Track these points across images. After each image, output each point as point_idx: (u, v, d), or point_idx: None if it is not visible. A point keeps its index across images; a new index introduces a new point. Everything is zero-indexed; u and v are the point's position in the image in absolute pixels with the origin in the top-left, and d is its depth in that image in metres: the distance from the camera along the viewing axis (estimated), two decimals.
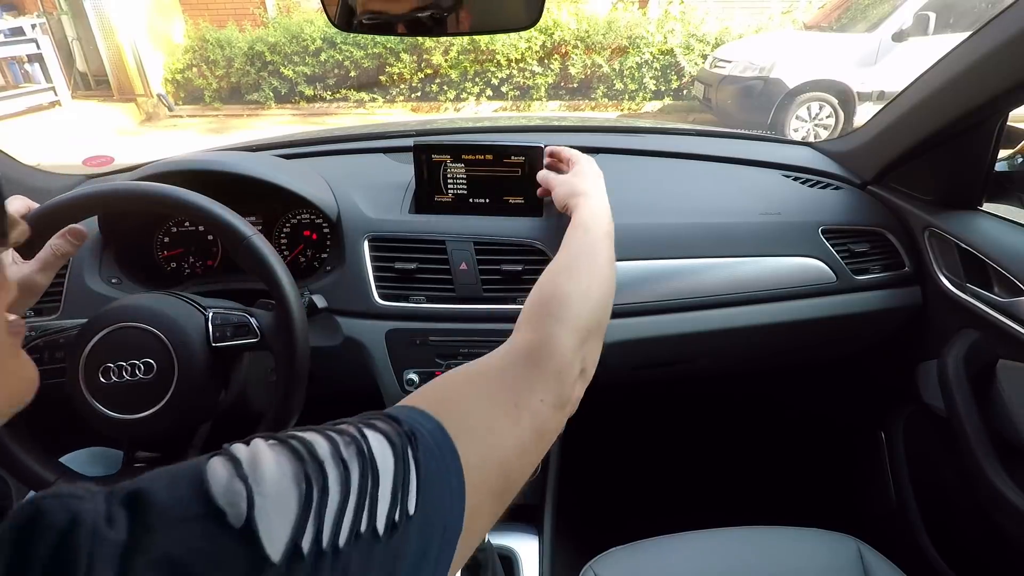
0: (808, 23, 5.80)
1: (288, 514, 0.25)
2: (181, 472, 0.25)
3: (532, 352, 0.44)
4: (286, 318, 0.65)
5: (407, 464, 0.29)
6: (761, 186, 1.03)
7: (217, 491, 0.24)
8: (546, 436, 0.42)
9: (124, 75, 6.76)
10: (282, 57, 6.41)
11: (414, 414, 0.34)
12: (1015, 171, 0.93)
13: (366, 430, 0.30)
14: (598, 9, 6.53)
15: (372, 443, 0.29)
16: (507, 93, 6.36)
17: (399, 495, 0.28)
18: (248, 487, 0.25)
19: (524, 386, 0.41)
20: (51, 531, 0.22)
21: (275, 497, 0.25)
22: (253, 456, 0.26)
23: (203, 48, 6.61)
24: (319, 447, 0.28)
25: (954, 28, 4.34)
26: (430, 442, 0.32)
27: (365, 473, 0.28)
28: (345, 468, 0.27)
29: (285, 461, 0.26)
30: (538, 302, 0.50)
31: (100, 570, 0.21)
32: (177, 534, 0.23)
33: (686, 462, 1.46)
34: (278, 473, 0.26)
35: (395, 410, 0.34)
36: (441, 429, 0.33)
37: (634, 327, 0.88)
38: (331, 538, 0.25)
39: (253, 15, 7.06)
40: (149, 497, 0.24)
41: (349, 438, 0.29)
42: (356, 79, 6.51)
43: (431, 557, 0.29)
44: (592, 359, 0.50)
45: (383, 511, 0.27)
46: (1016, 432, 0.80)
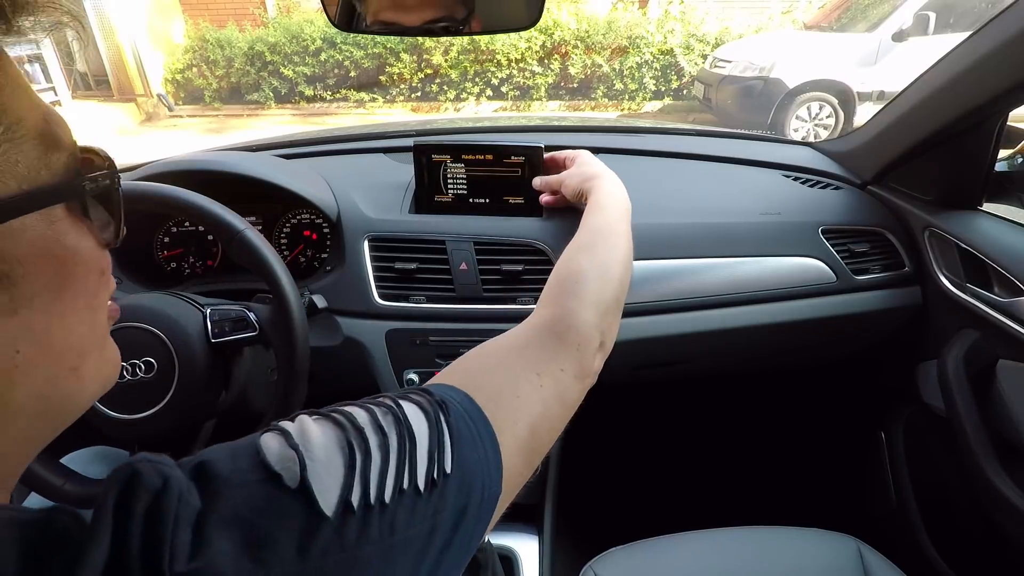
0: (808, 23, 5.80)
1: (337, 475, 0.27)
2: (239, 446, 0.28)
3: (552, 327, 0.46)
4: (284, 311, 0.65)
5: (440, 428, 0.32)
6: (761, 186, 1.03)
7: (272, 459, 0.27)
8: (568, 404, 0.44)
9: (124, 75, 6.76)
10: (282, 57, 6.41)
11: (444, 388, 0.36)
12: (1015, 171, 0.93)
13: (401, 401, 0.33)
14: (598, 9, 6.53)
15: (407, 411, 0.32)
16: (507, 93, 6.36)
17: (435, 455, 0.31)
18: (299, 454, 0.27)
19: (545, 357, 0.43)
20: (148, 492, 0.24)
21: (324, 460, 0.27)
22: (301, 428, 0.29)
23: (203, 48, 6.61)
24: (359, 417, 0.31)
25: (954, 28, 4.34)
26: (460, 409, 0.34)
27: (403, 437, 0.30)
28: (384, 434, 0.30)
29: (330, 430, 0.29)
30: (557, 280, 0.52)
31: (183, 528, 0.23)
32: (242, 496, 0.25)
33: (686, 462, 1.46)
34: (324, 440, 0.28)
35: (427, 385, 0.37)
36: (469, 399, 0.36)
37: (634, 327, 0.88)
38: (377, 494, 0.28)
39: (253, 15, 7.06)
40: (214, 467, 0.26)
41: (386, 408, 0.32)
42: (356, 79, 6.51)
43: (471, 515, 0.32)
44: (611, 333, 0.52)
45: (422, 470, 0.30)
46: (1016, 432, 0.80)
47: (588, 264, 0.54)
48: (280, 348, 0.67)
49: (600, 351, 0.50)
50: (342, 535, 0.26)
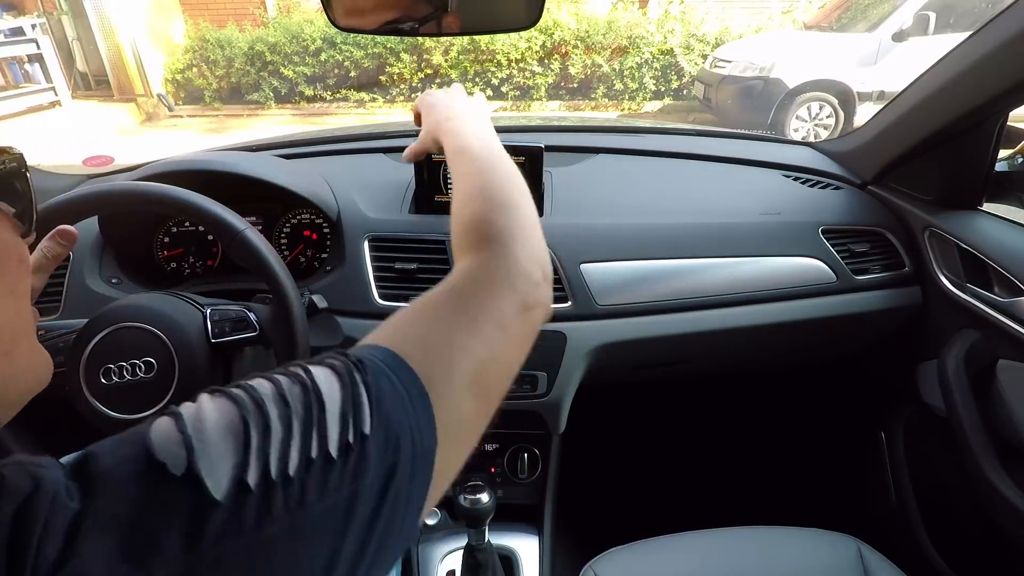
0: (808, 23, 5.80)
1: (230, 454, 0.25)
2: (128, 435, 0.26)
3: (477, 274, 0.43)
4: (284, 311, 0.65)
5: (355, 388, 0.30)
6: (761, 186, 1.03)
7: (158, 446, 0.25)
8: (517, 339, 0.42)
9: (124, 75, 6.76)
10: (282, 57, 6.41)
11: (364, 348, 0.34)
12: (1015, 171, 0.93)
13: (311, 367, 0.31)
14: (598, 9, 6.53)
15: (317, 376, 0.30)
16: (507, 93, 6.36)
17: (349, 417, 0.29)
18: (187, 437, 0.25)
19: (477, 305, 0.40)
20: (13, 498, 0.22)
21: (216, 441, 0.25)
22: (197, 409, 0.27)
23: (203, 48, 6.61)
24: (261, 389, 0.29)
25: (954, 28, 4.34)
26: (381, 366, 0.32)
27: (309, 404, 0.28)
28: (286, 404, 0.28)
29: (226, 407, 0.27)
30: (465, 229, 0.48)
31: (52, 537, 0.21)
32: (122, 492, 0.23)
33: (686, 462, 1.46)
34: (218, 419, 0.26)
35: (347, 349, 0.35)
36: (392, 354, 0.34)
37: (634, 327, 0.88)
38: (279, 468, 0.26)
39: (253, 15, 7.06)
40: (95, 463, 0.25)
41: (293, 377, 0.30)
42: (356, 79, 6.50)
43: (402, 473, 0.30)
44: (543, 258, 0.47)
45: (334, 435, 0.28)
46: (1016, 432, 0.80)
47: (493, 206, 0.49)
48: (280, 348, 0.67)
49: (544, 280, 0.46)
50: (239, 518, 0.24)
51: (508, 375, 0.40)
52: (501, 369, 0.39)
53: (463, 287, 0.42)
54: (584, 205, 0.94)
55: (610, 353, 0.89)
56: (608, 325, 0.87)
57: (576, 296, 0.86)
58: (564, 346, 0.86)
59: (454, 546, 0.93)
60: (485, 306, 0.40)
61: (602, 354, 0.88)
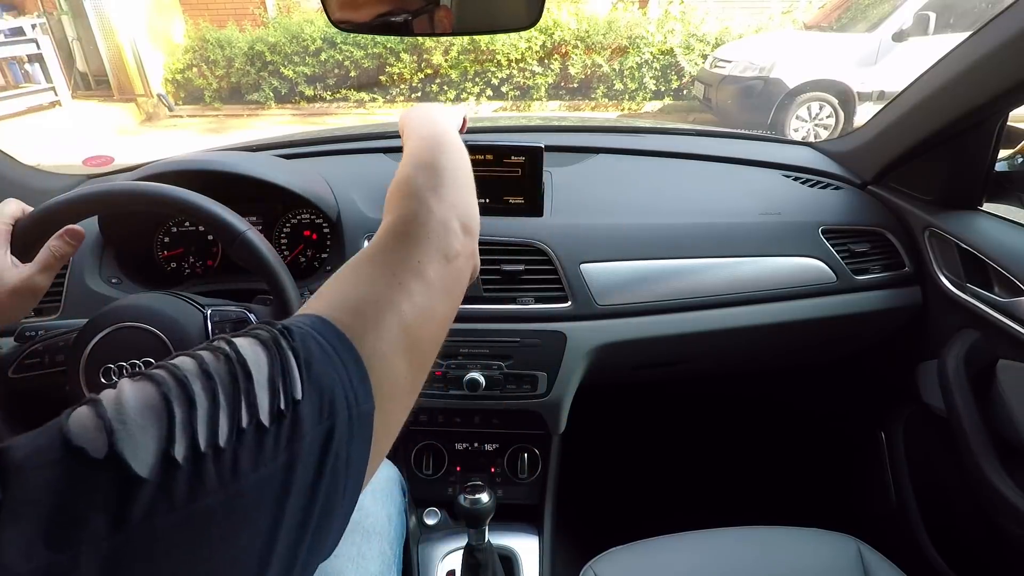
0: (808, 23, 5.80)
1: (153, 432, 0.24)
2: (46, 426, 0.25)
3: (397, 229, 0.43)
4: (285, 312, 0.65)
5: (283, 354, 0.29)
6: (761, 186, 1.03)
7: (76, 432, 0.24)
8: (442, 289, 0.41)
9: (124, 75, 6.75)
10: (282, 57, 6.41)
11: (292, 318, 0.34)
12: (1015, 171, 0.93)
13: (236, 339, 0.30)
14: (598, 9, 6.53)
15: (240, 346, 0.29)
16: (507, 93, 6.36)
17: (279, 384, 0.28)
18: (106, 421, 0.24)
19: (397, 259, 0.40)
20: None
21: (137, 421, 0.25)
22: (116, 394, 0.26)
23: (203, 48, 6.61)
24: (184, 366, 0.28)
25: (954, 28, 4.34)
26: (308, 331, 0.32)
27: (234, 375, 0.28)
28: (209, 377, 0.27)
29: (146, 388, 0.26)
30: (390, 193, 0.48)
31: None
32: (39, 481, 0.23)
33: (686, 462, 1.46)
34: (139, 400, 0.26)
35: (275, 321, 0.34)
36: (319, 318, 0.33)
37: (634, 327, 0.88)
38: (209, 439, 0.25)
39: (253, 15, 7.06)
40: (9, 454, 0.23)
41: (216, 350, 0.29)
42: (356, 79, 6.50)
43: (340, 435, 0.29)
44: (465, 211, 0.47)
45: (264, 403, 0.27)
46: (1016, 432, 0.80)
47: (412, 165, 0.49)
48: None
49: (465, 232, 0.46)
50: (169, 494, 0.23)
51: (438, 328, 0.41)
52: (429, 323, 0.39)
53: (384, 244, 0.42)
54: (584, 205, 0.94)
55: (610, 353, 0.89)
56: (608, 325, 0.87)
57: (576, 296, 0.86)
58: (564, 346, 0.86)
59: (454, 546, 0.93)
60: (404, 261, 0.40)
61: (602, 354, 0.88)
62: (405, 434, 0.90)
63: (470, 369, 0.85)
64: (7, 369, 0.64)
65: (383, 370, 0.33)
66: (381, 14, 0.66)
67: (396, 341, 0.35)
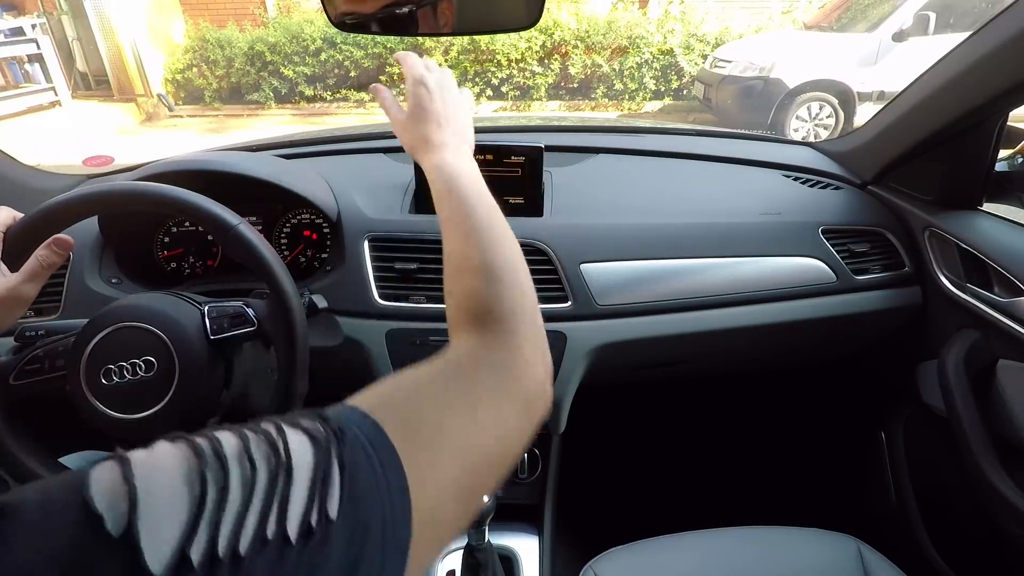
0: (808, 23, 5.80)
1: (177, 517, 0.22)
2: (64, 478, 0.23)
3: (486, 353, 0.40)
4: (282, 305, 0.65)
5: (329, 462, 0.27)
6: (761, 186, 1.03)
7: (97, 494, 0.21)
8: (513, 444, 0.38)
9: (124, 75, 6.76)
10: (282, 57, 6.41)
11: (348, 413, 0.31)
12: (1015, 171, 0.93)
13: (286, 427, 0.28)
14: (598, 9, 6.53)
15: (290, 439, 0.27)
16: (507, 93, 6.36)
17: (316, 495, 0.25)
18: (132, 487, 0.22)
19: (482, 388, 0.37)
20: None
21: (164, 499, 0.22)
22: (151, 455, 0.24)
23: (203, 48, 6.61)
24: (226, 444, 0.25)
25: (954, 28, 4.34)
26: (362, 440, 0.29)
27: (276, 471, 0.25)
28: (252, 466, 0.25)
29: (183, 458, 0.24)
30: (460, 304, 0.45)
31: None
32: (41, 544, 0.20)
33: (686, 462, 1.46)
34: (171, 472, 0.23)
35: (329, 409, 0.31)
36: (378, 428, 0.30)
37: (634, 327, 0.88)
38: (229, 543, 0.22)
39: (253, 15, 7.06)
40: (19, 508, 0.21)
41: (263, 435, 0.26)
42: (356, 79, 6.50)
43: (373, 566, 0.26)
44: (545, 345, 0.44)
45: (296, 513, 0.24)
46: (1016, 432, 0.80)
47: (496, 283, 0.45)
48: (279, 342, 0.67)
49: (546, 374, 0.43)
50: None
51: (497, 476, 0.36)
52: (492, 470, 0.35)
53: (465, 369, 0.38)
54: (584, 205, 0.94)
55: (610, 353, 0.89)
56: (608, 325, 0.87)
57: (576, 296, 0.86)
58: (564, 346, 0.86)
59: (454, 546, 0.93)
60: (489, 399, 0.37)
61: (602, 354, 0.88)
62: None
63: None
64: (8, 376, 0.65)
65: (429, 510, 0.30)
66: (387, 5, 0.66)
67: (451, 483, 0.32)
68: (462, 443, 0.33)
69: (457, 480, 0.32)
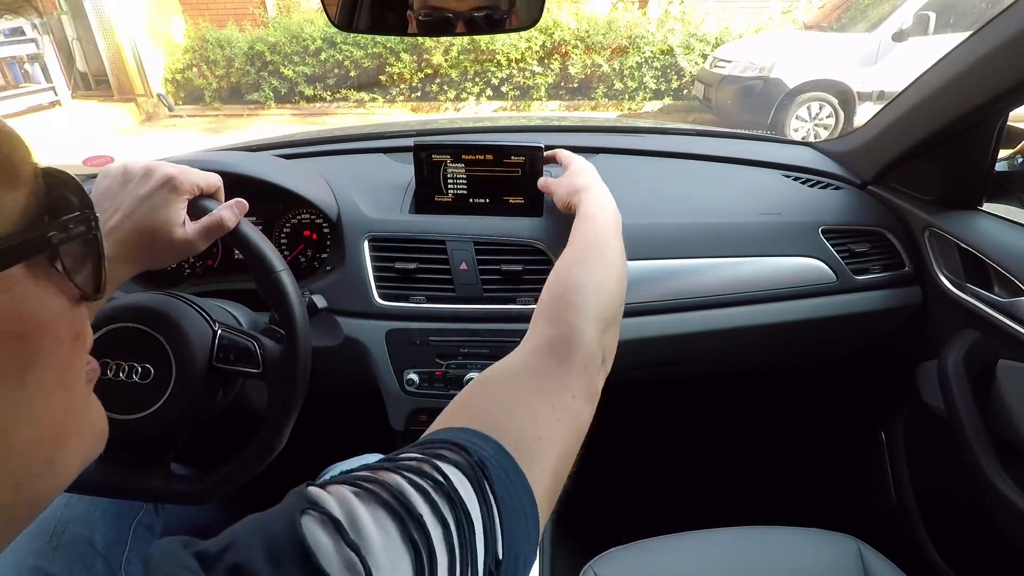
0: (808, 23, 5.80)
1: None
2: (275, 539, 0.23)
3: (556, 347, 0.43)
4: (291, 359, 0.64)
5: (488, 504, 0.28)
6: (761, 186, 1.03)
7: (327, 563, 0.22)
8: (582, 432, 0.41)
9: (124, 75, 6.76)
10: (282, 57, 6.41)
11: (473, 438, 0.32)
12: (1015, 171, 0.93)
13: (442, 466, 0.28)
14: (598, 9, 6.53)
15: (454, 481, 0.28)
16: (507, 93, 6.36)
17: (489, 541, 0.27)
18: (361, 558, 0.23)
19: (557, 385, 0.40)
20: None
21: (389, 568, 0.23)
22: (350, 515, 0.24)
23: (203, 48, 6.61)
24: (412, 500, 0.26)
25: (954, 28, 4.35)
26: (499, 470, 0.30)
27: (461, 524, 0.26)
28: (444, 523, 0.26)
29: (386, 521, 0.25)
30: (554, 295, 0.50)
31: None
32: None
33: (686, 462, 1.46)
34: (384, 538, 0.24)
35: (454, 435, 0.32)
36: (503, 451, 0.32)
37: (634, 327, 0.88)
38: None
39: (253, 15, 7.06)
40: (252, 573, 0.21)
41: (431, 480, 0.27)
42: (356, 79, 6.51)
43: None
44: (611, 348, 0.50)
45: (480, 563, 0.26)
46: (1016, 432, 0.80)
47: (586, 278, 0.51)
48: (275, 394, 0.65)
49: (603, 368, 0.48)
50: None
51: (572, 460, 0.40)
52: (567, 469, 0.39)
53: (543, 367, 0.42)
54: None
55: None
56: None
57: None
58: None
59: None
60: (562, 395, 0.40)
61: None
62: (405, 434, 0.90)
63: (470, 369, 0.85)
64: None
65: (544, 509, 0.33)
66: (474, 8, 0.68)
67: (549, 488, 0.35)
68: (553, 446, 0.36)
69: (552, 487, 0.36)
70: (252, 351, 0.66)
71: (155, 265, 0.59)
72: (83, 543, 0.66)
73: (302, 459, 0.85)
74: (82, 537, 0.66)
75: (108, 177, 0.58)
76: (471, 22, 0.69)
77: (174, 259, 0.61)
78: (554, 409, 0.38)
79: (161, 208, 0.56)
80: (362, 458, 0.79)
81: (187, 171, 0.60)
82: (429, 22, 0.69)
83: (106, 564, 0.67)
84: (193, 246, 0.59)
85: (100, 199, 0.57)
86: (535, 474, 0.33)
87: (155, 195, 0.56)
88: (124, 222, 0.55)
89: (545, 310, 0.49)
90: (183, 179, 0.58)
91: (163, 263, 0.60)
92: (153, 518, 0.75)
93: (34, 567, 0.62)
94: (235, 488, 0.66)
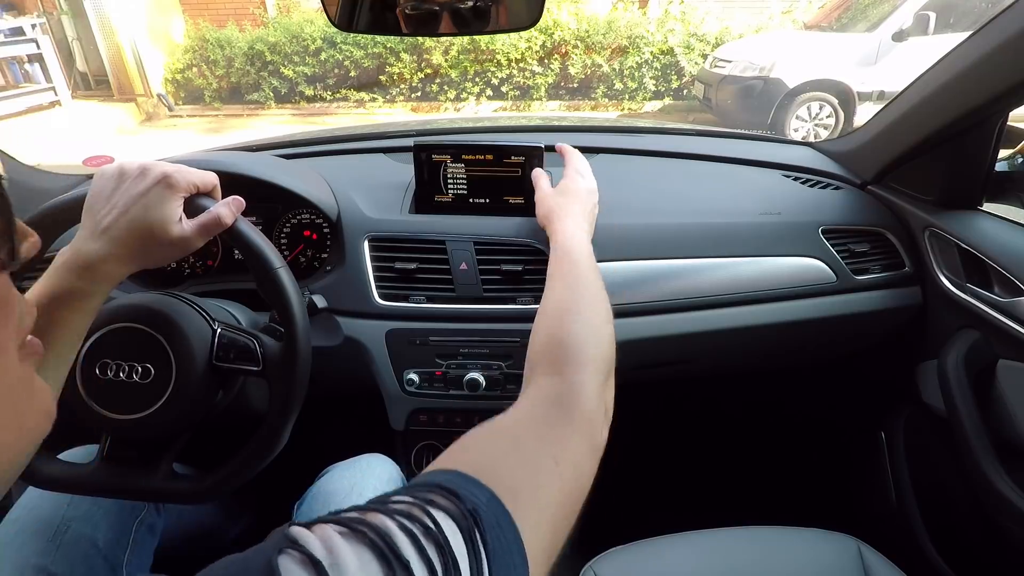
0: (808, 23, 5.80)
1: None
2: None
3: (559, 401, 0.43)
4: (291, 353, 0.64)
5: (477, 551, 0.28)
6: (761, 186, 1.03)
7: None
8: (585, 488, 0.41)
9: (124, 75, 6.76)
10: (282, 57, 6.41)
11: (467, 484, 0.32)
12: (1015, 171, 0.93)
13: (433, 511, 0.28)
14: (598, 9, 6.53)
15: (445, 530, 0.27)
16: (507, 93, 6.36)
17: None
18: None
19: (558, 438, 0.40)
20: None
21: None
22: (331, 555, 0.24)
23: (203, 48, 6.61)
24: (399, 542, 0.26)
25: (954, 28, 4.35)
26: (492, 519, 0.30)
27: (448, 572, 0.26)
28: (432, 571, 0.25)
29: (371, 564, 0.24)
30: (549, 345, 0.49)
31: None
32: None
33: (686, 462, 1.46)
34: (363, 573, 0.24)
35: (447, 480, 0.32)
36: (496, 500, 0.32)
37: (634, 327, 0.88)
38: None
39: (253, 15, 7.06)
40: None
41: (420, 525, 0.27)
42: (356, 79, 6.51)
43: None
44: (611, 399, 0.50)
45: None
46: (1016, 432, 0.80)
47: (580, 328, 0.51)
48: (278, 390, 0.65)
49: (605, 420, 0.47)
50: None
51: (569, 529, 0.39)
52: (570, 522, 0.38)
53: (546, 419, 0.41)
54: None
55: None
56: None
57: None
58: None
59: None
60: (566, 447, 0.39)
61: None
62: (405, 434, 0.90)
63: (470, 369, 0.85)
64: None
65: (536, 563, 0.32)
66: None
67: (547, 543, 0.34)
68: (552, 497, 0.36)
69: (549, 543, 0.35)
70: (252, 349, 0.66)
71: (152, 263, 0.59)
72: (85, 542, 0.66)
73: (302, 459, 0.85)
74: (84, 536, 0.66)
75: (104, 177, 0.57)
76: (457, 14, 0.67)
77: (171, 257, 0.60)
78: (556, 464, 0.38)
79: (157, 205, 0.56)
80: (362, 458, 0.79)
81: (183, 169, 0.59)
82: (415, 16, 0.68)
83: (108, 563, 0.67)
84: (190, 243, 0.59)
85: (95, 199, 0.56)
86: (530, 527, 0.32)
87: (151, 193, 0.56)
88: (120, 220, 0.55)
89: (541, 360, 0.48)
90: (179, 177, 0.58)
91: (160, 261, 0.60)
92: (155, 518, 0.76)
93: (36, 566, 0.62)
94: (236, 487, 0.66)
